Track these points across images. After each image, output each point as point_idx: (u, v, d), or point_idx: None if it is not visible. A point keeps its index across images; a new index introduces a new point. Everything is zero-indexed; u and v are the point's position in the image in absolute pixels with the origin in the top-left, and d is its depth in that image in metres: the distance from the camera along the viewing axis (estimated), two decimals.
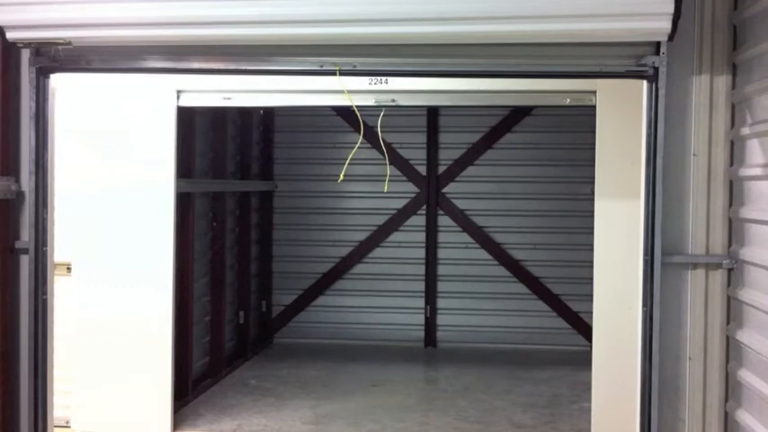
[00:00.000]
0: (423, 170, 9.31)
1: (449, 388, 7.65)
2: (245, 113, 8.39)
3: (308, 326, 9.46)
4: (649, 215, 4.28)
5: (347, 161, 4.91)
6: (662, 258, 4.29)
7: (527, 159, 9.16)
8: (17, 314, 4.70)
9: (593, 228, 5.65)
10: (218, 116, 7.60)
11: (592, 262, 5.65)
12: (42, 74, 4.56)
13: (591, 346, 5.75)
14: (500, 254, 9.24)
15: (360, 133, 5.01)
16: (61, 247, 5.07)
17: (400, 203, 9.36)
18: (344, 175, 5.07)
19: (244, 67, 4.61)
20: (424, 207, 9.35)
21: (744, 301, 4.26)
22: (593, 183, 5.66)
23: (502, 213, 9.24)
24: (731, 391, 4.41)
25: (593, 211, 5.65)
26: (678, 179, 4.39)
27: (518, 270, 9.23)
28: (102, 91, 5.98)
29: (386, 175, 7.50)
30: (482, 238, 9.26)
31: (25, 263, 4.65)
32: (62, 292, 5.45)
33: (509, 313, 9.23)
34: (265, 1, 4.26)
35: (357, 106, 4.85)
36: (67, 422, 5.99)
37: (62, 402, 5.56)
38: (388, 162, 6.41)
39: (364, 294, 9.35)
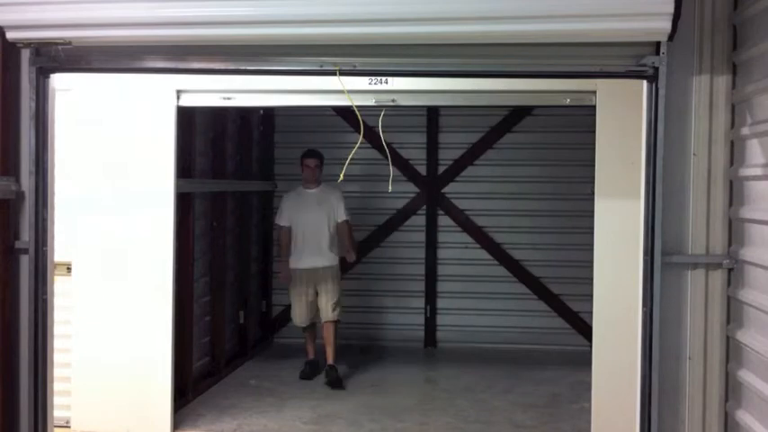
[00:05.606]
0: (423, 170, 9.32)
1: (449, 388, 7.64)
2: (245, 113, 8.39)
3: None
4: (649, 215, 4.27)
5: (347, 161, 4.89)
6: (662, 258, 4.27)
7: (527, 159, 9.16)
8: (17, 314, 4.69)
9: (593, 228, 5.65)
10: (218, 116, 7.60)
11: (592, 262, 5.66)
12: (42, 74, 4.55)
13: (591, 346, 5.76)
14: (500, 254, 9.24)
15: (360, 133, 5.00)
16: (61, 247, 5.05)
17: (400, 203, 9.36)
18: (344, 175, 5.05)
19: (244, 67, 4.60)
20: (424, 207, 9.36)
21: (744, 301, 4.25)
22: (593, 183, 5.66)
23: (502, 213, 9.23)
24: (731, 391, 4.40)
25: (593, 211, 5.65)
26: (678, 179, 4.38)
27: (518, 270, 9.22)
28: (102, 91, 5.99)
29: (388, 175, 7.49)
30: (482, 238, 9.27)
31: (25, 263, 4.64)
32: (62, 292, 5.44)
33: (509, 313, 9.22)
34: (266, 1, 4.25)
35: (357, 106, 4.84)
36: (67, 422, 5.99)
37: (62, 402, 5.55)
38: (390, 162, 6.39)
39: (364, 294, 9.32)
